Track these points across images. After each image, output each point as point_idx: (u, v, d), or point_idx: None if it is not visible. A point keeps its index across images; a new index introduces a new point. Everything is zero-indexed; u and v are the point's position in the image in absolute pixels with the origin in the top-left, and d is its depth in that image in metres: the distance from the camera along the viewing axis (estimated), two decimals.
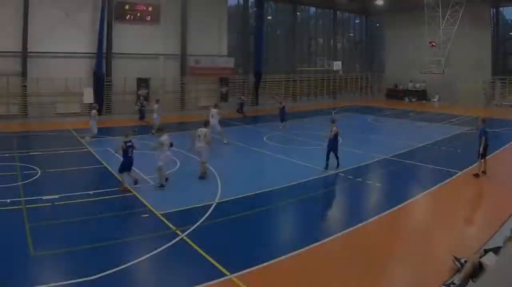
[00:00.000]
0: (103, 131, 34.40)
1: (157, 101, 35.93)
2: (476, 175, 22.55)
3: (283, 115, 38.45)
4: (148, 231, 15.09)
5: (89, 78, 45.52)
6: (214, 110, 32.09)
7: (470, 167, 23.60)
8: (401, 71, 68.17)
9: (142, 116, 38.96)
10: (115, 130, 36.00)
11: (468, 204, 20.33)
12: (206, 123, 21.92)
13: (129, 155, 19.92)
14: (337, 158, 23.27)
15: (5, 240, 13.86)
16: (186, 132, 32.28)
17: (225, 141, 30.80)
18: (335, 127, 22.75)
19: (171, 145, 20.38)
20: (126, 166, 19.94)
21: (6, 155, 25.60)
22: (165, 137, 19.98)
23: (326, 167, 23.06)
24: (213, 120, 30.12)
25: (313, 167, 23.85)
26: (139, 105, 39.79)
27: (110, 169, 23.01)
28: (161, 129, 20.88)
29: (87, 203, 17.78)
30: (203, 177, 21.35)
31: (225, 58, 55.13)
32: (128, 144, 19.88)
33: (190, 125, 36.48)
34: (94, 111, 32.39)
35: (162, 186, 19.75)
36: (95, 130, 31.55)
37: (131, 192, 19.01)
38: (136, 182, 20.18)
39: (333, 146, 23.13)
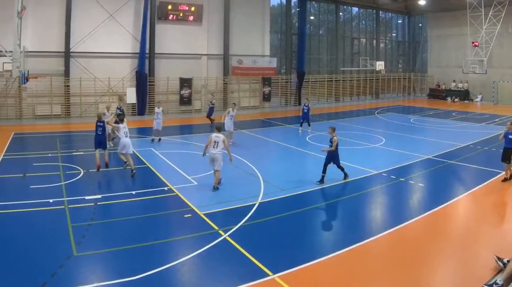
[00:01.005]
0: (146, 131, 33.81)
1: (159, 104, 32.01)
2: (505, 179, 21.17)
3: (307, 117, 35.45)
4: (190, 231, 14.62)
5: (132, 79, 44.20)
6: (231, 111, 29.95)
7: None
8: (444, 71, 65.87)
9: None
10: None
11: (510, 204, 19.58)
12: (219, 128, 19.91)
13: (98, 133, 21.35)
14: (341, 169, 20.69)
15: (48, 240, 13.52)
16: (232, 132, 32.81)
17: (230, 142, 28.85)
18: (335, 137, 20.27)
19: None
20: (96, 143, 21.47)
21: (49, 154, 24.89)
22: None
23: (322, 180, 20.13)
24: (228, 120, 29.05)
25: (356, 166, 22.86)
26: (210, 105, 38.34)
27: (152, 168, 22.43)
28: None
29: (130, 203, 17.35)
30: (217, 187, 19.29)
31: (268, 58, 53.37)
32: (98, 124, 21.27)
33: (234, 124, 35.00)
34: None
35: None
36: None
37: (172, 192, 18.41)
38: (106, 165, 21.65)
39: (333, 157, 20.35)
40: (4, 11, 34.75)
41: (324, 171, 20.10)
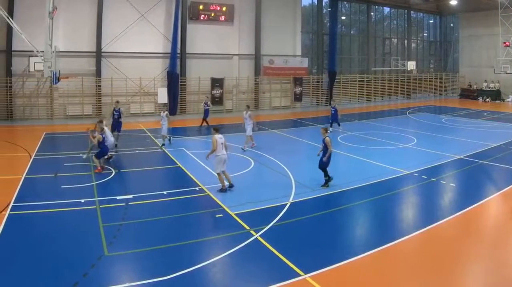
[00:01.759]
0: (178, 131, 33.19)
1: (164, 108, 29.73)
2: None
3: (335, 118, 34.04)
4: (222, 231, 14.30)
5: (163, 79, 42.94)
6: (246, 113, 27.61)
7: None
8: (475, 71, 63.15)
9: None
10: (190, 130, 34.73)
11: None
12: (217, 129, 18.67)
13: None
14: (323, 171, 19.16)
15: (80, 240, 13.28)
16: (262, 132, 32.53)
17: (243, 148, 26.51)
18: (327, 138, 19.07)
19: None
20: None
21: (80, 154, 24.15)
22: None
23: (325, 184, 18.99)
24: (246, 125, 27.06)
25: (387, 166, 22.46)
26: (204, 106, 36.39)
27: (184, 168, 21.92)
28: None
29: (161, 203, 16.96)
30: (229, 188, 18.44)
31: (299, 58, 51.55)
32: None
33: (266, 124, 36.79)
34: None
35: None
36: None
37: (204, 192, 18.08)
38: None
39: (322, 157, 19.08)
40: (36, 11, 34.21)
41: (326, 174, 19.12)
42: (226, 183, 18.40)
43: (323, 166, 18.97)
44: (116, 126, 26.56)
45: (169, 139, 27.97)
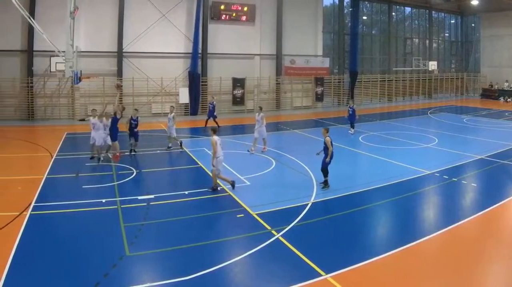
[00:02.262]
0: (198, 131, 32.89)
1: (172, 108, 27.52)
2: None
3: (353, 119, 32.16)
4: (243, 231, 13.94)
5: (185, 79, 41.77)
6: (258, 115, 25.62)
7: None
8: (496, 71, 61.12)
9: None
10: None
11: None
12: (215, 130, 18.10)
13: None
14: (323, 172, 18.42)
15: (101, 240, 13.00)
16: (283, 132, 32.67)
17: (263, 149, 25.24)
18: (328, 138, 18.30)
19: None
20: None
21: (102, 154, 23.20)
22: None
23: (326, 184, 18.39)
24: (258, 126, 25.27)
25: (408, 166, 21.93)
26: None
27: (205, 168, 21.33)
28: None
29: (183, 203, 16.60)
30: (232, 187, 17.99)
31: (320, 58, 49.97)
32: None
33: (287, 124, 36.29)
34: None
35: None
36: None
37: (225, 192, 17.69)
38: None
39: (324, 158, 18.27)
40: (57, 11, 33.09)
41: (325, 175, 18.38)
42: (226, 184, 18.00)
43: (324, 166, 18.27)
44: (133, 134, 24.57)
45: (180, 143, 26.34)
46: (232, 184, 17.80)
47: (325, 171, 18.25)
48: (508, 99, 57.43)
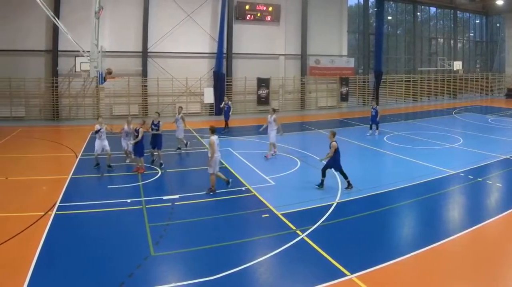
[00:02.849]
0: (227, 131, 31.49)
1: (180, 109, 25.71)
2: None
3: (375, 120, 30.34)
4: (268, 231, 13.54)
5: (209, 79, 40.31)
6: (271, 117, 23.37)
7: None
8: None
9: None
10: (236, 131, 32.44)
11: None
12: (214, 130, 17.24)
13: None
14: (343, 175, 17.79)
15: (126, 240, 12.66)
16: (308, 132, 31.95)
17: (266, 155, 23.12)
18: (334, 142, 17.64)
19: None
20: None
21: (124, 155, 22.62)
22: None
23: (321, 185, 17.76)
24: (270, 129, 23.20)
25: (433, 166, 21.16)
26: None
27: (230, 168, 20.48)
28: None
29: (208, 203, 16.22)
30: (227, 185, 17.61)
31: (345, 58, 48.10)
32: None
33: (312, 124, 35.39)
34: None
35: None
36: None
37: (250, 192, 17.21)
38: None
39: (333, 162, 17.66)
40: (82, 11, 32.66)
41: (323, 175, 17.75)
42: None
43: (338, 169, 17.65)
44: (155, 142, 21.69)
45: (186, 144, 24.98)
46: (228, 182, 17.38)
47: (323, 172, 17.65)
48: None
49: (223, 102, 32.62)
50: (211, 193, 16.85)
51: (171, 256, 11.75)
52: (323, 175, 17.70)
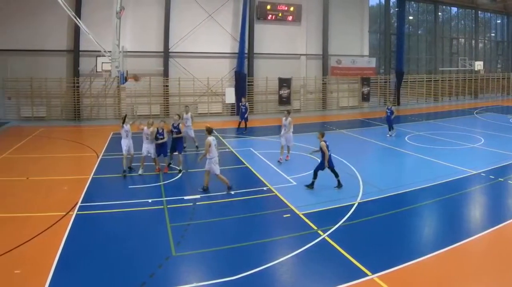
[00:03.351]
0: (247, 131, 30.61)
1: (187, 108, 24.66)
2: None
3: (390, 121, 28.88)
4: (289, 231, 13.07)
5: (231, 79, 38.97)
6: (286, 120, 21.88)
7: None
8: None
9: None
10: (257, 130, 31.54)
11: None
12: (210, 131, 16.94)
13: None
14: (334, 173, 17.29)
15: (148, 240, 12.30)
16: (329, 132, 29.74)
17: (280, 159, 21.40)
18: (323, 142, 17.03)
19: None
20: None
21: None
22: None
23: (311, 185, 17.18)
24: (285, 132, 21.59)
25: (454, 166, 20.56)
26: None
27: (251, 168, 20.23)
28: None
29: (229, 203, 15.75)
30: (228, 191, 16.77)
31: (367, 58, 46.37)
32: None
33: (333, 124, 34.38)
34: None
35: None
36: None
37: (271, 192, 16.80)
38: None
39: (321, 161, 17.21)
40: (103, 11, 31.89)
41: (314, 177, 17.15)
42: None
43: (317, 169, 17.10)
44: (175, 145, 20.33)
45: (197, 146, 23.92)
46: (229, 188, 16.60)
47: (315, 173, 17.07)
48: None
49: (241, 103, 30.92)
50: (231, 192, 16.40)
51: (192, 256, 11.43)
52: (315, 176, 17.14)
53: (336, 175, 17.11)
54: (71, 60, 34.31)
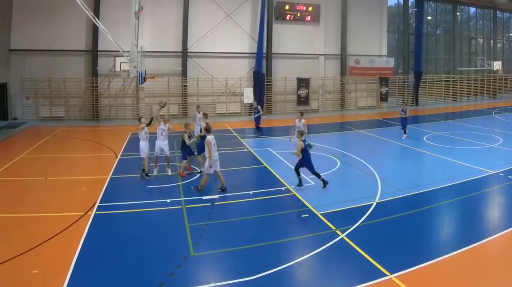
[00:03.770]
0: (264, 132, 29.85)
1: (199, 108, 24.30)
2: None
3: (405, 122, 27.29)
4: (308, 231, 12.86)
5: (249, 79, 37.89)
6: (300, 121, 20.68)
7: None
8: None
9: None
10: (276, 130, 30.68)
11: None
12: (209, 129, 16.43)
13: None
14: (316, 175, 16.88)
15: (166, 240, 11.99)
16: (348, 132, 30.82)
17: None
18: (300, 142, 16.49)
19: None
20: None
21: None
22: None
23: (300, 183, 16.86)
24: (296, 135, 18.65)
25: (473, 166, 20.03)
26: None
27: (270, 168, 19.72)
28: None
29: (247, 203, 15.36)
30: (221, 190, 16.40)
31: (385, 58, 44.88)
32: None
33: (352, 124, 33.80)
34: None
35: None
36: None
37: (289, 192, 16.34)
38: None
39: (306, 162, 16.73)
40: (121, 11, 30.72)
41: (298, 175, 16.83)
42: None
43: (309, 169, 16.70)
44: (197, 146, 19.36)
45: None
46: (223, 189, 16.16)
47: (297, 171, 16.74)
48: None
49: (253, 107, 29.57)
50: (199, 191, 15.99)
51: (211, 256, 11.18)
52: (298, 174, 16.75)
53: (298, 174, 16.68)
54: (90, 60, 33.56)
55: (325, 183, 16.59)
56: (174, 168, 18.99)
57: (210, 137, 15.82)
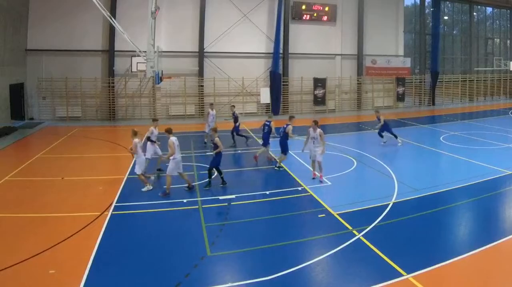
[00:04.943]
0: (278, 132, 27.66)
1: (212, 106, 23.65)
2: None
3: (385, 129, 24.56)
4: (324, 231, 12.39)
5: (266, 79, 36.63)
6: (315, 131, 17.10)
7: None
8: None
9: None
10: (293, 130, 28.47)
11: None
12: (170, 131, 15.93)
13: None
14: (219, 171, 16.82)
15: (183, 240, 11.72)
16: (364, 132, 30.31)
17: (313, 175, 17.53)
18: (217, 138, 16.35)
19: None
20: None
21: (183, 154, 20.10)
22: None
23: (223, 182, 16.66)
24: (314, 146, 17.22)
25: (489, 166, 19.55)
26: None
27: (286, 168, 19.18)
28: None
29: (264, 203, 15.02)
30: (188, 189, 16.10)
31: (402, 58, 43.28)
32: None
33: (368, 124, 32.40)
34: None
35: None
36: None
37: (306, 192, 15.95)
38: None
39: (219, 160, 16.63)
40: (138, 11, 29.96)
41: (209, 176, 16.50)
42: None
43: (213, 165, 16.53)
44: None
45: (205, 143, 23.36)
46: (190, 187, 15.85)
47: (216, 169, 16.65)
48: None
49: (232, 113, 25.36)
50: (166, 195, 15.44)
51: (228, 256, 11.00)
52: (219, 173, 16.62)
53: (220, 173, 16.53)
54: (106, 60, 32.58)
55: (209, 184, 16.37)
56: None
57: (173, 139, 15.34)
